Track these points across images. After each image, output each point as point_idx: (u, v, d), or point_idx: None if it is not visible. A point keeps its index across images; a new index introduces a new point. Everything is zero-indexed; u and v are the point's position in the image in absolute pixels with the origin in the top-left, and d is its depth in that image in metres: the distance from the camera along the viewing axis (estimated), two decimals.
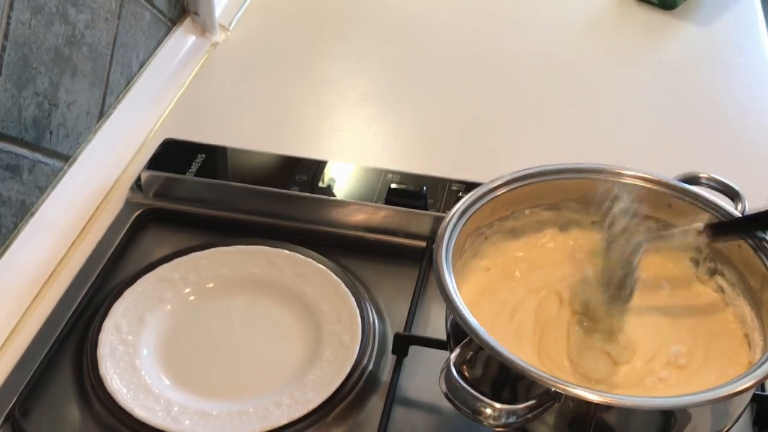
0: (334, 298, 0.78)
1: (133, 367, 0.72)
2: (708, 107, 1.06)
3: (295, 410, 0.69)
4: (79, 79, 0.87)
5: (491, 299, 0.69)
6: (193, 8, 1.11)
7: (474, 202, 0.69)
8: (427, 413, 0.72)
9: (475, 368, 0.61)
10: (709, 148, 1.00)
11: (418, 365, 0.74)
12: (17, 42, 0.76)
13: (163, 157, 0.92)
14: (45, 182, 0.83)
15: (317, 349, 0.75)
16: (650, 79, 1.11)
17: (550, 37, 1.19)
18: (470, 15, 1.24)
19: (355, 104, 1.06)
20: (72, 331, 0.76)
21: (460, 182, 0.88)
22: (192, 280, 0.80)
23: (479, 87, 1.09)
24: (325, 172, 0.90)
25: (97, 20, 0.89)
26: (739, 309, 0.68)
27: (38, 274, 0.81)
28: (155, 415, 0.69)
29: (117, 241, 0.84)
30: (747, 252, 0.67)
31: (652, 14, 1.23)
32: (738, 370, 0.64)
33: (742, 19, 1.23)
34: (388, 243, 0.86)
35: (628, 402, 0.57)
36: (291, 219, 0.87)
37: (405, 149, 0.99)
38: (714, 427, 0.61)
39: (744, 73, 1.13)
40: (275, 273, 0.81)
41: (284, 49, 1.15)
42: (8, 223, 0.79)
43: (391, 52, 1.15)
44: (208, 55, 1.13)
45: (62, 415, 0.70)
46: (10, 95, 0.76)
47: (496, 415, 0.55)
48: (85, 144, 0.90)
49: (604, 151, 0.98)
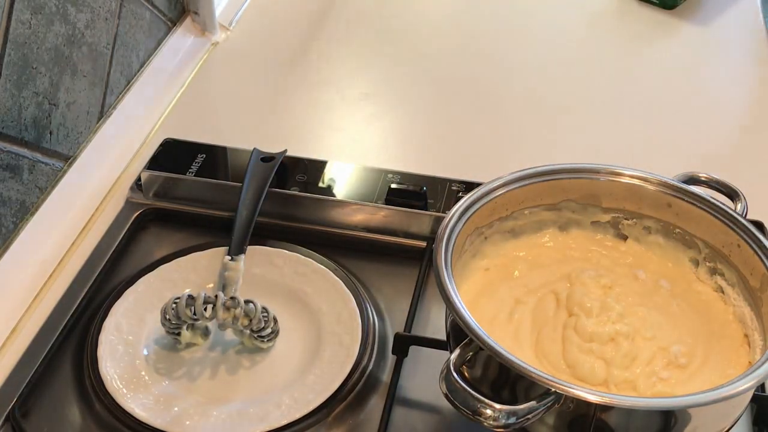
0: (334, 298, 0.78)
1: (133, 367, 0.72)
2: (708, 107, 1.06)
3: (295, 410, 0.69)
4: (79, 79, 0.87)
5: (491, 299, 0.69)
6: (193, 8, 1.11)
7: (474, 202, 0.69)
8: (427, 413, 0.72)
9: (475, 369, 0.61)
10: (709, 148, 1.00)
11: (418, 365, 0.74)
12: (17, 42, 0.76)
13: (163, 157, 0.92)
14: (45, 182, 0.83)
15: (317, 349, 0.75)
16: (650, 79, 1.11)
17: (551, 36, 1.19)
18: (470, 15, 1.24)
19: (355, 104, 1.06)
20: (72, 331, 0.76)
21: (460, 182, 0.88)
22: (192, 280, 0.80)
23: (479, 87, 1.09)
24: (325, 172, 0.90)
25: (97, 20, 0.89)
26: (739, 309, 0.68)
27: (38, 274, 0.81)
28: (155, 415, 0.69)
29: (117, 241, 0.84)
30: (747, 252, 0.67)
31: (653, 14, 1.23)
32: (738, 370, 0.64)
33: (742, 19, 1.23)
34: (388, 243, 0.86)
35: (628, 402, 0.57)
36: (291, 219, 0.87)
37: (405, 149, 0.99)
38: (714, 427, 0.61)
39: (744, 73, 1.13)
40: (275, 273, 0.81)
41: (284, 49, 1.15)
42: (8, 223, 0.79)
43: (391, 52, 1.15)
44: (208, 54, 1.13)
45: (62, 415, 0.70)
46: (10, 95, 0.76)
47: (496, 416, 0.55)
48: (85, 144, 0.90)
49: (604, 151, 0.98)
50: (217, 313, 0.71)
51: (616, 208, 0.73)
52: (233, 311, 0.71)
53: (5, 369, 0.73)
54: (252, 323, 0.72)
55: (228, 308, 0.71)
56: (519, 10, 1.25)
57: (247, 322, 0.72)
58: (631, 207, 0.73)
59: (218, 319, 0.72)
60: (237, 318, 0.72)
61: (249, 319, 0.72)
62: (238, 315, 0.71)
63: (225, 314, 0.71)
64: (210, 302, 0.72)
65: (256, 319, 0.72)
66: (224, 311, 0.71)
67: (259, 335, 0.73)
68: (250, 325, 0.72)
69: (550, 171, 0.72)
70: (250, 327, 0.72)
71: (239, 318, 0.72)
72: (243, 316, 0.72)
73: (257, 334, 0.73)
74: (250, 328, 0.72)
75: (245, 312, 0.72)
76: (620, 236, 0.74)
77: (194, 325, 0.74)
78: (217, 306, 0.71)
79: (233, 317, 0.71)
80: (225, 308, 0.71)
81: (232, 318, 0.71)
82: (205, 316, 0.72)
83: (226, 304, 0.71)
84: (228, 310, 0.71)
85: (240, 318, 0.72)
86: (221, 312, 0.71)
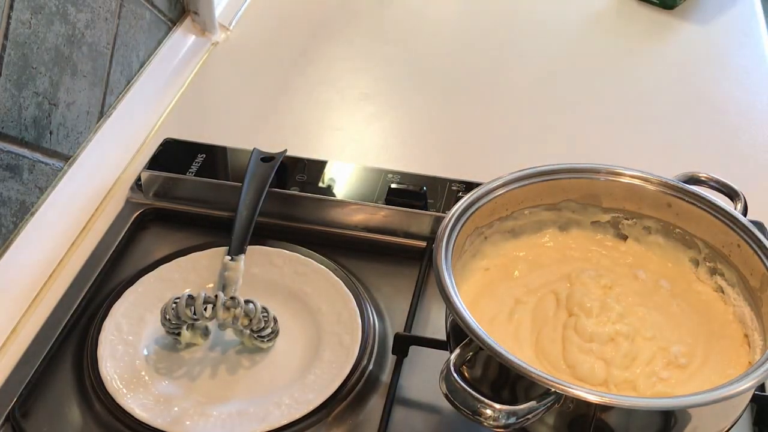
0: (334, 298, 0.78)
1: (133, 367, 0.72)
2: (708, 107, 1.06)
3: (295, 410, 0.69)
4: (79, 79, 0.87)
5: (491, 299, 0.69)
6: (193, 8, 1.11)
7: (474, 202, 0.69)
8: (427, 413, 0.72)
9: (475, 369, 0.61)
10: (709, 148, 1.00)
11: (418, 365, 0.74)
12: (17, 42, 0.76)
13: (163, 157, 0.92)
14: (45, 182, 0.83)
15: (317, 349, 0.75)
16: (650, 79, 1.11)
17: (551, 36, 1.19)
18: (470, 15, 1.24)
19: (355, 104, 1.06)
20: (72, 331, 0.76)
21: (460, 182, 0.88)
22: (192, 280, 0.80)
23: (479, 87, 1.09)
24: (325, 172, 0.90)
25: (97, 20, 0.89)
26: (739, 309, 0.68)
27: (38, 274, 0.81)
28: (155, 415, 0.69)
29: (117, 241, 0.84)
30: (747, 252, 0.67)
31: (652, 14, 1.23)
32: (738, 370, 0.64)
33: (742, 19, 1.23)
34: (388, 243, 0.86)
35: (628, 402, 0.57)
36: (291, 219, 0.87)
37: (405, 149, 0.99)
38: (714, 427, 0.61)
39: (744, 73, 1.13)
40: (275, 273, 0.81)
41: (284, 49, 1.15)
42: (8, 223, 0.79)
43: (391, 52, 1.15)
44: (208, 54, 1.13)
45: (62, 415, 0.70)
46: (10, 95, 0.76)
47: (496, 416, 0.55)
48: (85, 144, 0.90)
49: (604, 151, 0.98)
50: (217, 313, 0.71)
51: (616, 208, 0.73)
52: (233, 311, 0.71)
53: (5, 369, 0.73)
54: (252, 323, 0.72)
55: (228, 308, 0.71)
56: (519, 10, 1.25)
57: (247, 322, 0.72)
58: (631, 207, 0.73)
59: (218, 319, 0.72)
60: (237, 318, 0.72)
61: (249, 319, 0.72)
62: (238, 315, 0.71)
63: (225, 314, 0.71)
64: (210, 302, 0.72)
65: (256, 319, 0.72)
66: (224, 311, 0.71)
67: (259, 335, 0.73)
68: (250, 325, 0.72)
69: (550, 171, 0.72)
70: (250, 327, 0.72)
71: (239, 318, 0.72)
72: (243, 316, 0.72)
73: (257, 334, 0.73)
74: (250, 328, 0.72)
75: (245, 312, 0.72)
76: (620, 236, 0.74)
77: (194, 325, 0.74)
78: (217, 306, 0.71)
79: (233, 317, 0.71)
80: (225, 308, 0.71)
81: (232, 318, 0.71)
82: (205, 316, 0.72)
83: (226, 304, 0.71)
84: (228, 310, 0.71)
85: (240, 318, 0.72)
86: (221, 312, 0.71)
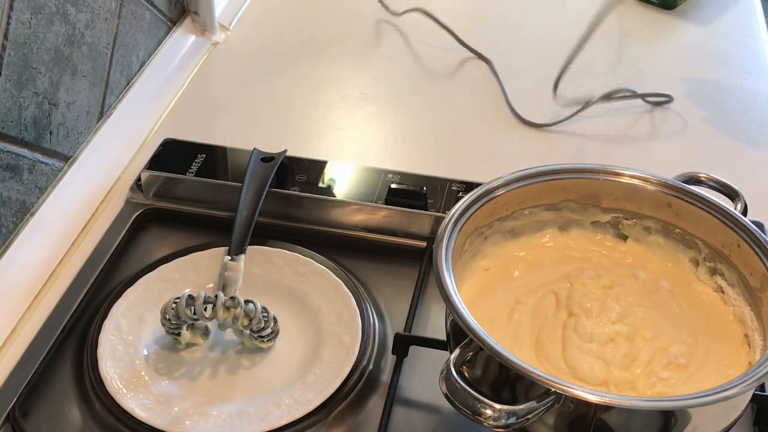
0: (334, 298, 0.78)
1: (133, 367, 0.72)
2: (708, 107, 1.06)
3: (295, 410, 0.69)
4: (79, 79, 0.87)
5: (491, 299, 0.69)
6: (193, 8, 1.11)
7: (474, 202, 0.69)
8: (427, 413, 0.72)
9: (475, 369, 0.61)
10: (709, 148, 1.00)
11: (418, 365, 0.74)
12: (17, 42, 0.76)
13: (163, 157, 0.92)
14: (45, 182, 0.83)
15: (317, 349, 0.75)
16: (650, 79, 1.11)
17: (550, 36, 1.19)
18: (470, 15, 1.24)
19: (355, 104, 1.06)
20: (72, 331, 0.76)
21: (460, 182, 0.88)
22: (192, 280, 0.80)
23: (479, 86, 1.09)
24: (325, 172, 0.90)
25: (97, 20, 0.89)
26: (739, 309, 0.68)
27: (38, 274, 0.81)
28: (155, 415, 0.69)
29: (117, 241, 0.84)
30: (747, 252, 0.67)
31: (652, 14, 1.23)
32: (738, 370, 0.64)
33: (742, 19, 1.23)
34: (388, 243, 0.86)
35: (628, 402, 0.57)
36: (291, 219, 0.87)
37: (405, 149, 0.99)
38: (714, 427, 0.61)
39: (744, 72, 1.13)
40: (275, 273, 0.81)
41: (284, 49, 1.15)
42: (8, 223, 0.79)
43: (391, 52, 1.15)
44: (208, 54, 1.13)
45: (62, 415, 0.70)
46: (10, 95, 0.76)
47: (496, 416, 0.55)
48: (85, 144, 0.90)
49: (604, 151, 0.98)
50: (217, 313, 0.71)
51: (616, 208, 0.73)
52: (233, 311, 0.71)
53: (5, 369, 0.73)
54: (252, 323, 0.72)
55: (228, 308, 0.71)
56: (519, 10, 1.25)
57: (247, 322, 0.72)
58: (631, 207, 0.73)
59: (218, 319, 0.72)
60: (237, 318, 0.72)
61: (249, 319, 0.72)
62: (238, 315, 0.71)
63: (225, 314, 0.71)
64: (210, 302, 0.72)
65: (256, 319, 0.72)
66: (224, 311, 0.71)
67: (259, 335, 0.73)
68: (250, 325, 0.72)
69: (550, 171, 0.72)
70: (250, 327, 0.72)
71: (239, 318, 0.72)
72: (243, 316, 0.72)
73: (257, 334, 0.73)
74: (250, 328, 0.72)
75: (245, 312, 0.72)
76: (620, 236, 0.74)
77: (194, 325, 0.74)
78: (217, 306, 0.71)
79: (233, 317, 0.71)
80: (225, 308, 0.71)
81: (232, 318, 0.71)
82: (205, 316, 0.72)
83: (226, 304, 0.71)
84: (228, 310, 0.71)
85: (240, 318, 0.72)
86: (221, 312, 0.71)
